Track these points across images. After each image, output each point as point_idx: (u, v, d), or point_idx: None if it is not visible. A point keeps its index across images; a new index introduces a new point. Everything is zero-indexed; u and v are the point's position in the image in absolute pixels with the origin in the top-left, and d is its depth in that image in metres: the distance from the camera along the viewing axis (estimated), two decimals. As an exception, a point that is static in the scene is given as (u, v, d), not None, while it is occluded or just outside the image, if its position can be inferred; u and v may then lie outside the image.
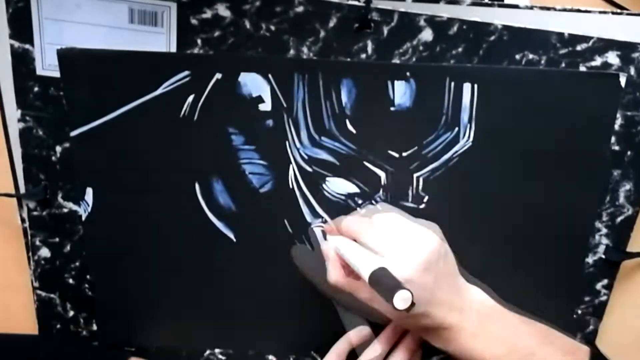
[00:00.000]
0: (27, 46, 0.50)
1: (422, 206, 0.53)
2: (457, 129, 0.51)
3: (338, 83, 0.50)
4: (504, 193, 0.53)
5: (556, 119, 0.51)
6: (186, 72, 0.50)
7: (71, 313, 0.57)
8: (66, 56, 0.49)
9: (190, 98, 0.50)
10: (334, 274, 0.48)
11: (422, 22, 0.50)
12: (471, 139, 0.52)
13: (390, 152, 0.52)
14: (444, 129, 0.51)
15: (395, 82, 0.50)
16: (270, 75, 0.50)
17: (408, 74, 0.50)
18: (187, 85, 0.50)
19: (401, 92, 0.51)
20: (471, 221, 0.53)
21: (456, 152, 0.52)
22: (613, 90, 0.50)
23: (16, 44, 0.50)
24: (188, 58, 0.50)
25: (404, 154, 0.52)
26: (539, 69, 0.51)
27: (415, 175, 0.52)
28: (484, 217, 0.53)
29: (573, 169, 0.52)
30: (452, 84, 0.50)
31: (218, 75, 0.50)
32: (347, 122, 0.51)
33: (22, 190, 0.54)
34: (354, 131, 0.52)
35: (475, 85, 0.50)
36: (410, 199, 0.53)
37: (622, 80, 0.50)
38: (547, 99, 0.51)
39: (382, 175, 0.53)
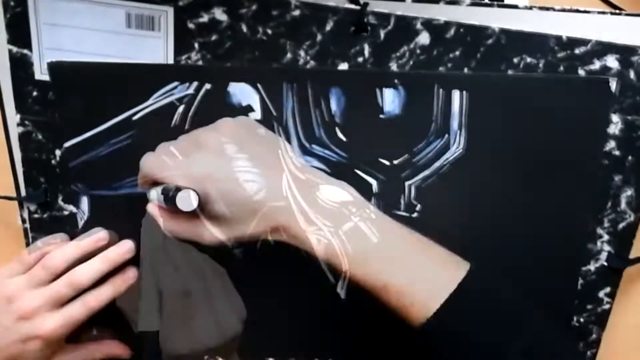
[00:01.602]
0: (25, 51, 0.51)
1: (415, 215, 0.53)
2: (447, 136, 0.51)
3: (327, 92, 0.51)
4: (496, 199, 0.52)
5: (547, 124, 0.50)
6: (176, 83, 0.50)
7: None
8: (57, 69, 0.50)
9: (181, 108, 0.51)
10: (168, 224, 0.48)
11: (418, 26, 0.50)
12: (462, 146, 0.51)
13: (381, 160, 0.52)
14: (434, 136, 0.51)
15: (384, 89, 0.50)
16: (259, 85, 0.51)
17: (397, 81, 0.50)
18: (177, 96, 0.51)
19: (390, 100, 0.50)
20: (465, 228, 0.53)
21: (447, 159, 0.51)
22: (604, 96, 0.49)
23: (14, 49, 0.51)
24: (177, 69, 0.50)
25: (395, 162, 0.52)
26: (529, 75, 0.50)
27: (406, 183, 0.52)
28: (477, 224, 0.52)
29: (566, 175, 0.51)
30: (441, 91, 0.50)
31: (207, 86, 0.50)
32: (337, 130, 0.51)
33: (23, 192, 0.55)
34: (344, 139, 0.51)
35: (465, 92, 0.50)
36: (402, 208, 0.53)
37: (613, 85, 0.49)
38: (537, 104, 0.50)
39: (374, 183, 0.52)
